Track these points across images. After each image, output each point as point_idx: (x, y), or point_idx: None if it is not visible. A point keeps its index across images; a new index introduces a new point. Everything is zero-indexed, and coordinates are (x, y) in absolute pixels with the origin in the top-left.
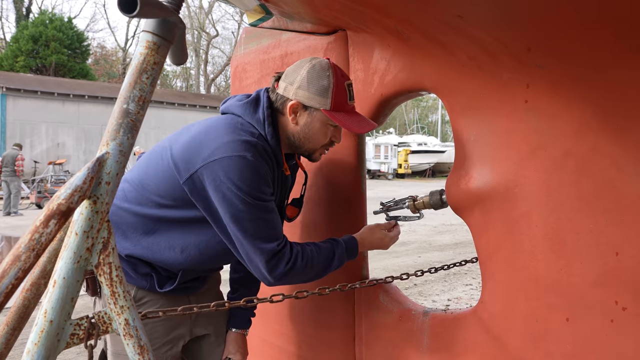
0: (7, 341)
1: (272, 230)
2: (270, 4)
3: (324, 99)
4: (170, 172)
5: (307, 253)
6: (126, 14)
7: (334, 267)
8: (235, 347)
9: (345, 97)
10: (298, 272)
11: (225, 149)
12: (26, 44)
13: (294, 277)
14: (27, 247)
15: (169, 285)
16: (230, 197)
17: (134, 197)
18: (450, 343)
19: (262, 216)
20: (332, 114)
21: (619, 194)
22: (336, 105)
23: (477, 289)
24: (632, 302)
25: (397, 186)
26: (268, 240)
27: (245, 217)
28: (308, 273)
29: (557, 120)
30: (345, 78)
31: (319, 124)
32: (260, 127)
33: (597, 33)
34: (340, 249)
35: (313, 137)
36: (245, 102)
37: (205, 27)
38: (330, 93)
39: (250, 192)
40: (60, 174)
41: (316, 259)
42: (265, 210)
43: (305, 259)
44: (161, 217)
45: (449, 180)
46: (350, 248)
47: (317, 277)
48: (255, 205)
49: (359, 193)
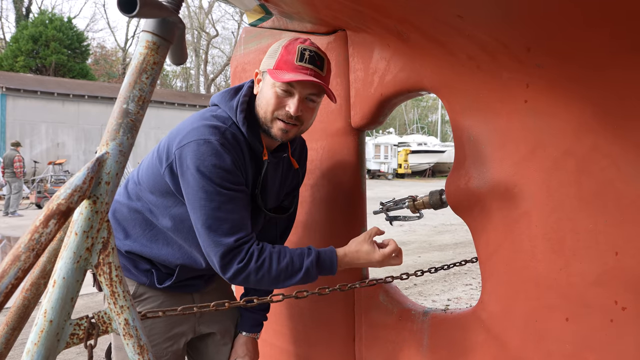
0: (6, 341)
1: (232, 223)
2: (270, 4)
3: (271, 59)
4: (156, 166)
5: (266, 254)
6: (126, 14)
7: (300, 277)
8: (244, 351)
9: (293, 57)
10: (252, 272)
11: (192, 134)
12: (26, 44)
13: (250, 279)
14: (26, 247)
15: (167, 282)
16: (193, 184)
17: (134, 194)
18: (450, 343)
19: (222, 206)
20: (272, 71)
21: (619, 193)
22: (280, 64)
23: (477, 289)
24: (632, 302)
25: (397, 186)
26: (226, 233)
27: (205, 205)
28: (264, 276)
29: (556, 120)
30: (302, 41)
31: (267, 87)
32: (233, 113)
33: (597, 32)
34: (310, 259)
35: (264, 101)
36: (226, 91)
37: (205, 27)
38: (278, 54)
39: (212, 179)
40: (60, 174)
41: (274, 263)
42: (228, 199)
43: (261, 260)
44: (155, 214)
45: (449, 180)
46: (325, 260)
47: (278, 283)
48: (216, 192)
49: (358, 193)
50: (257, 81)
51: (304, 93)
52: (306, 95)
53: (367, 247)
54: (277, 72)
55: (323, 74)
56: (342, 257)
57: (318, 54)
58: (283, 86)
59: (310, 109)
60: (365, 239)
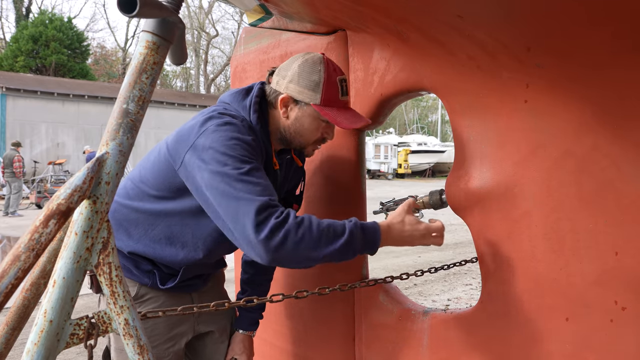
0: (6, 341)
1: (263, 186)
2: (270, 4)
3: (314, 93)
4: (167, 164)
5: (304, 216)
6: (126, 14)
7: (344, 241)
8: (242, 349)
9: (337, 92)
10: (291, 231)
11: (209, 123)
12: (26, 44)
13: (287, 239)
14: (26, 247)
15: (170, 282)
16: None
17: (136, 194)
18: (450, 343)
19: (250, 172)
20: (322, 108)
21: (619, 193)
22: (327, 100)
23: (477, 289)
24: (632, 301)
25: (397, 186)
26: (259, 193)
27: (231, 173)
28: (305, 237)
29: (556, 119)
30: (338, 73)
31: (310, 119)
32: (246, 113)
33: (599, 31)
34: (354, 222)
35: (304, 132)
36: (237, 91)
37: (205, 27)
38: (321, 88)
39: (237, 151)
40: (60, 174)
41: (316, 224)
42: (254, 168)
43: (300, 218)
44: (160, 211)
45: (449, 180)
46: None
47: (318, 248)
48: (241, 161)
49: (358, 193)
50: (284, 104)
51: None
52: None
53: (412, 218)
54: (327, 109)
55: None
56: (385, 230)
57: (346, 79)
58: (325, 118)
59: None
60: (406, 210)
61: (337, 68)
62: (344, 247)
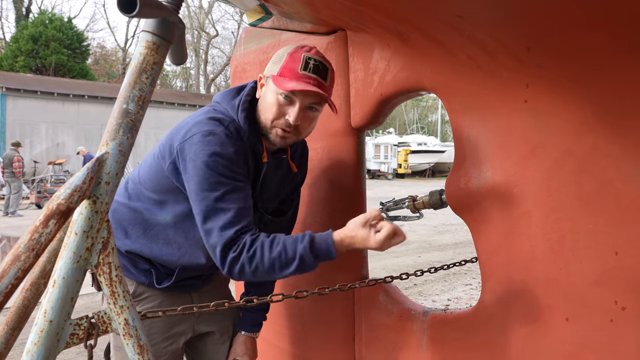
0: (6, 341)
1: (234, 213)
2: (270, 4)
3: (275, 65)
4: (159, 164)
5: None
6: (126, 14)
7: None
8: (244, 350)
9: (297, 65)
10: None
11: (195, 128)
12: (26, 44)
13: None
14: (26, 247)
15: (166, 282)
16: (196, 174)
17: (134, 194)
18: (450, 343)
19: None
20: (276, 78)
21: (619, 193)
22: (284, 71)
23: (477, 289)
24: (632, 301)
25: (397, 186)
26: (227, 224)
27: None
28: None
29: (556, 119)
30: (308, 50)
31: (270, 93)
32: (234, 112)
33: (597, 31)
34: (303, 245)
35: (265, 107)
36: (229, 90)
37: (205, 27)
38: (283, 60)
39: (216, 169)
40: (60, 174)
41: (268, 252)
42: (231, 189)
43: (253, 250)
44: (156, 213)
45: (449, 180)
46: (320, 244)
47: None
48: (220, 182)
49: (358, 193)
50: (260, 85)
51: (305, 102)
52: (307, 104)
53: (363, 233)
54: (280, 79)
55: (326, 84)
56: (339, 243)
57: (323, 63)
58: (285, 94)
59: (310, 118)
60: (362, 224)
61: (312, 49)
62: (298, 269)
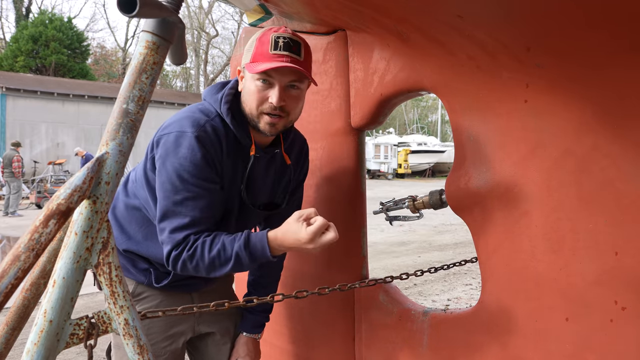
0: (6, 341)
1: (189, 220)
2: (270, 4)
3: (247, 53)
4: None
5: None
6: (126, 14)
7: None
8: (245, 351)
9: (267, 47)
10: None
11: (172, 127)
12: (26, 44)
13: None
14: (26, 247)
15: (164, 281)
16: (163, 174)
17: (132, 192)
18: (450, 343)
19: (185, 202)
20: (249, 65)
21: (619, 193)
22: (255, 57)
23: (477, 289)
24: (632, 302)
25: (397, 186)
26: (179, 228)
27: (169, 196)
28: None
29: (556, 119)
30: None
31: (249, 82)
32: (217, 105)
33: (598, 31)
34: (239, 244)
35: (248, 98)
36: (214, 85)
37: (205, 27)
38: (253, 47)
39: (181, 173)
40: (60, 174)
41: (207, 251)
42: (192, 196)
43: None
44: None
45: (449, 180)
46: (255, 243)
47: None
48: (182, 187)
49: (358, 193)
50: (240, 79)
51: (284, 81)
52: (287, 83)
53: (295, 227)
54: (253, 65)
55: (301, 59)
56: (273, 240)
57: (293, 39)
58: (261, 77)
59: (295, 97)
60: (296, 219)
61: (281, 29)
62: (235, 267)
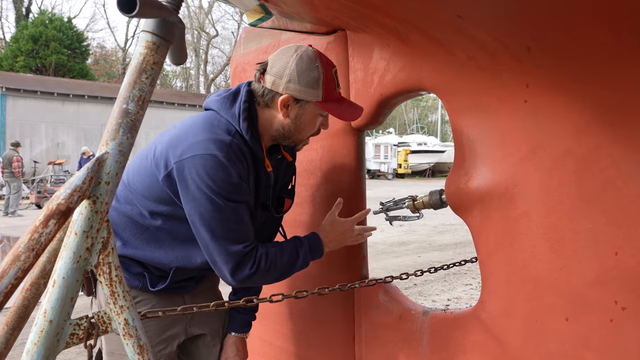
0: (6, 341)
1: (239, 232)
2: (270, 4)
3: (315, 90)
4: (152, 171)
5: (271, 255)
6: (125, 14)
7: (298, 267)
8: (234, 351)
9: (334, 85)
10: (262, 274)
11: (197, 147)
12: (26, 44)
13: (258, 280)
14: (26, 247)
15: (161, 284)
16: (199, 196)
17: (123, 197)
18: (450, 343)
19: (230, 217)
20: (324, 104)
21: (619, 193)
22: (327, 96)
23: (477, 289)
24: (632, 301)
25: (397, 186)
26: (235, 242)
27: (214, 217)
28: (271, 275)
29: (556, 119)
30: (332, 65)
31: (310, 116)
32: (236, 122)
33: (597, 31)
34: (304, 249)
35: (303, 128)
36: (223, 97)
37: (205, 27)
38: (321, 84)
39: (220, 192)
40: (60, 174)
41: (279, 260)
42: (234, 210)
43: (269, 261)
44: (146, 217)
45: (449, 180)
46: (314, 247)
47: (281, 278)
48: (224, 206)
49: (358, 193)
50: (284, 105)
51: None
52: None
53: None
54: (328, 104)
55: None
56: (325, 239)
57: (336, 68)
58: (325, 113)
59: None
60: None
61: (329, 61)
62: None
